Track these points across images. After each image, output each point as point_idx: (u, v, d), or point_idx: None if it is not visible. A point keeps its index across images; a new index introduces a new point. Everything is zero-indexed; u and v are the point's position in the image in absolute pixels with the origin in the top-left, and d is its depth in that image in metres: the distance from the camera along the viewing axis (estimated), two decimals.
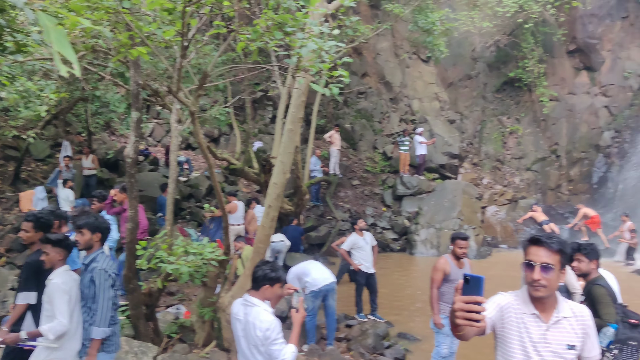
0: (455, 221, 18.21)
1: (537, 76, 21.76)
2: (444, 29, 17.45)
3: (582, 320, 3.02)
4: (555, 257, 2.93)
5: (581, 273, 5.44)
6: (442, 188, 19.48)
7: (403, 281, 13.91)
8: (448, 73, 23.23)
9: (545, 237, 2.98)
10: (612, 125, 20.83)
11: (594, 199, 20.28)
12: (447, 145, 21.03)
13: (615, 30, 21.63)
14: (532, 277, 2.91)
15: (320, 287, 8.43)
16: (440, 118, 22.26)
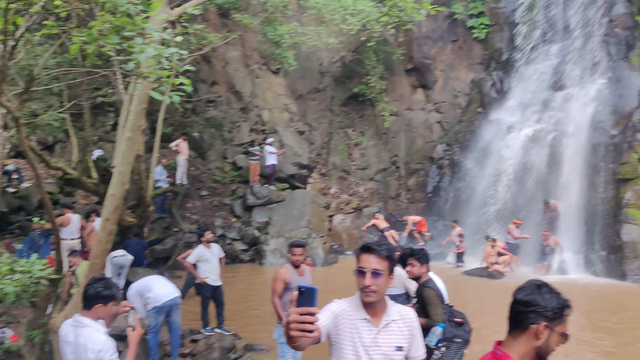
0: (304, 230, 18.59)
1: (379, 92, 23.07)
2: (292, 42, 17.86)
3: (409, 322, 3.20)
4: (384, 263, 3.07)
5: (414, 277, 5.78)
6: (291, 198, 19.81)
7: (251, 292, 13.88)
8: (297, 85, 23.78)
9: (375, 245, 3.11)
10: (444, 139, 22.69)
11: (429, 207, 21.91)
12: (297, 155, 21.48)
13: (446, 52, 23.65)
14: (364, 283, 3.03)
15: (164, 303, 8.12)
16: (290, 129, 22.69)
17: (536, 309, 2.35)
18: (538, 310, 2.35)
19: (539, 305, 2.36)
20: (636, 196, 16.51)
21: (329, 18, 20.69)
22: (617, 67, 18.78)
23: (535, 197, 18.98)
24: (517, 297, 2.43)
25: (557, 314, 2.36)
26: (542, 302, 2.36)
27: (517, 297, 2.43)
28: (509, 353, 2.38)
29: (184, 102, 19.31)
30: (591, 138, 18.12)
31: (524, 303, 2.39)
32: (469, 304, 12.50)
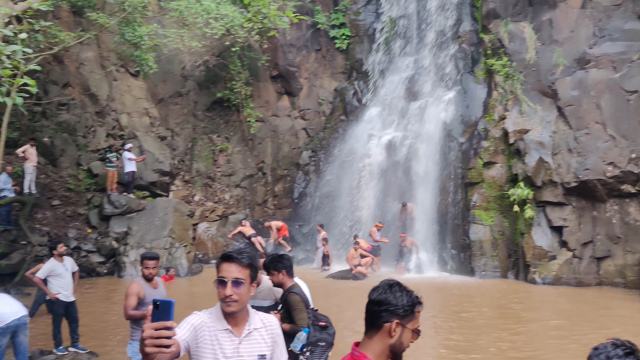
0: (166, 240, 17.93)
1: (244, 98, 22.93)
2: (153, 44, 17.14)
3: (272, 330, 3.15)
4: (245, 272, 3.00)
5: (276, 284, 5.75)
6: (152, 206, 19.01)
7: (108, 307, 13.08)
8: (158, 89, 22.91)
9: (236, 253, 3.03)
10: (309, 146, 23.11)
11: (295, 213, 22.16)
12: (158, 162, 20.66)
13: (310, 60, 24.14)
14: (224, 293, 2.94)
15: (8, 323, 7.39)
16: (151, 134, 21.78)
17: (388, 307, 2.40)
18: (390, 309, 2.40)
19: (391, 303, 2.41)
20: (482, 198, 17.93)
21: (191, 21, 20.21)
22: (465, 80, 20.33)
23: (394, 201, 19.94)
24: (371, 297, 2.48)
25: (409, 311, 2.43)
26: (394, 301, 2.41)
27: (371, 297, 2.47)
28: (366, 353, 2.40)
29: (32, 105, 17.78)
30: (442, 145, 19.41)
31: (376, 302, 2.44)
32: (334, 307, 12.75)
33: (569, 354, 9.47)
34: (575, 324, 11.66)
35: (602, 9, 17.89)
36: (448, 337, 10.68)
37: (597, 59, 17.15)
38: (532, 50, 18.36)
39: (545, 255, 16.39)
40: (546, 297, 14.77)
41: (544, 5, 18.98)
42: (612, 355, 2.02)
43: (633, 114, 16.10)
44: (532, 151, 17.00)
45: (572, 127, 16.92)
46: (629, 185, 15.81)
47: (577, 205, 16.59)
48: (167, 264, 17.09)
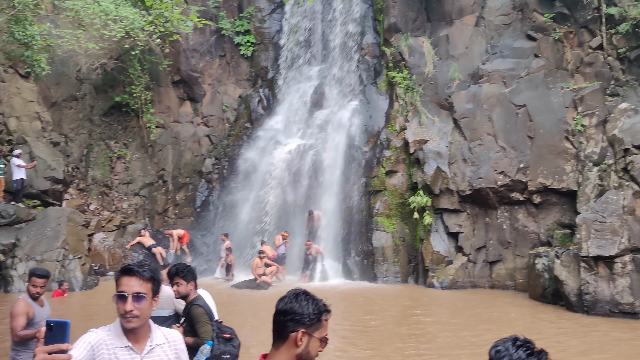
0: (59, 251, 16.90)
1: (144, 103, 22.13)
2: (45, 44, 16.14)
3: (175, 345, 3.05)
4: (147, 286, 2.90)
5: (181, 295, 5.53)
6: (44, 216, 17.85)
7: None
8: (51, 92, 21.58)
9: (137, 266, 2.92)
10: (212, 153, 22.68)
11: (198, 222, 21.64)
12: (50, 169, 19.42)
13: (214, 66, 23.75)
14: (124, 308, 2.82)
15: None
16: (43, 140, 20.44)
17: (294, 316, 2.39)
18: (296, 318, 2.39)
19: (296, 312, 2.39)
20: (384, 206, 18.42)
21: (88, 22, 19.29)
22: (368, 91, 20.87)
23: (300, 209, 20.01)
24: (277, 307, 2.46)
25: (315, 320, 2.42)
26: (299, 310, 2.39)
27: (278, 307, 2.46)
28: None
29: None
30: (347, 154, 19.77)
31: (282, 312, 2.42)
32: (239, 318, 12.55)
33: (468, 352, 9.88)
34: (472, 324, 12.21)
35: (494, 28, 19.04)
36: (352, 344, 10.81)
37: (489, 75, 18.20)
38: (430, 65, 19.18)
39: (443, 260, 17.10)
40: (443, 301, 15.38)
41: (441, 21, 19.91)
42: (515, 357, 2.09)
43: (521, 127, 17.21)
44: (430, 160, 17.71)
45: (466, 138, 17.81)
46: (517, 193, 16.85)
47: (471, 212, 17.46)
48: (59, 277, 16.09)
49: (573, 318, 12.88)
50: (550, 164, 16.56)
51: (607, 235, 13.07)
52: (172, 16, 16.00)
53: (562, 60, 18.03)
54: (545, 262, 14.76)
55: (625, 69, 17.29)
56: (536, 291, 15.00)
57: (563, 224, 16.42)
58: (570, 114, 16.78)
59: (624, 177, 14.24)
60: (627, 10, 16.90)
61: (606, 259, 12.99)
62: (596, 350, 10.21)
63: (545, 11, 18.40)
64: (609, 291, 12.89)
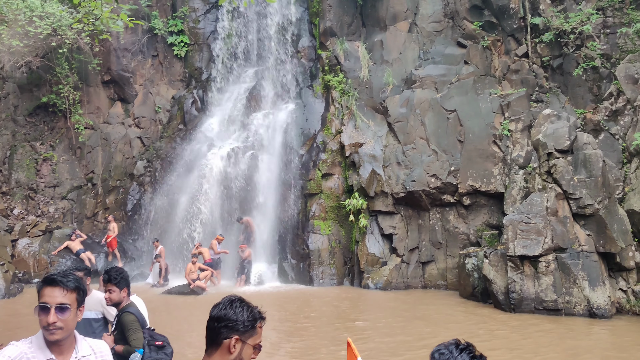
0: None
1: (73, 103, 21.31)
2: None
3: (102, 356, 2.99)
4: (71, 296, 2.81)
5: (113, 303, 5.37)
6: None
7: None
8: None
9: (60, 276, 2.83)
10: (144, 155, 22.08)
11: (129, 226, 21.01)
12: None
13: (146, 66, 23.15)
14: (48, 320, 2.71)
15: None
16: None
17: (228, 323, 2.40)
18: (229, 325, 2.39)
19: (231, 319, 2.40)
20: (320, 209, 18.52)
21: (12, 18, 18.39)
22: (304, 93, 20.94)
23: (235, 212, 19.80)
24: (211, 313, 2.47)
25: (249, 327, 2.43)
26: (234, 316, 2.41)
27: (212, 313, 2.46)
28: None
29: None
30: (283, 156, 19.75)
31: (216, 319, 2.43)
32: (172, 324, 12.28)
33: (404, 349, 10.07)
34: (405, 324, 12.46)
35: (426, 34, 19.55)
36: (288, 347, 10.79)
37: (422, 80, 18.67)
38: (365, 69, 19.46)
39: (378, 262, 17.36)
40: (378, 302, 15.61)
41: (375, 27, 20.25)
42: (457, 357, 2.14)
43: (452, 131, 17.74)
44: (365, 164, 17.96)
45: (400, 141, 18.18)
46: (449, 195, 17.35)
47: (405, 214, 17.83)
48: None
49: (501, 316, 13.37)
50: (479, 167, 17.15)
51: (532, 235, 13.66)
52: (102, 14, 15.52)
53: (491, 67, 18.73)
54: (474, 261, 15.27)
55: (548, 76, 18.16)
56: (466, 290, 15.49)
57: (491, 225, 17.04)
58: (498, 119, 17.45)
59: (547, 180, 14.93)
60: (550, 21, 17.77)
61: (531, 258, 13.58)
62: (520, 345, 10.65)
63: (474, 19, 19.07)
64: (534, 289, 13.48)
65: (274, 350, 10.47)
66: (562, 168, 14.45)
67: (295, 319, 13.33)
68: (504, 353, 10.17)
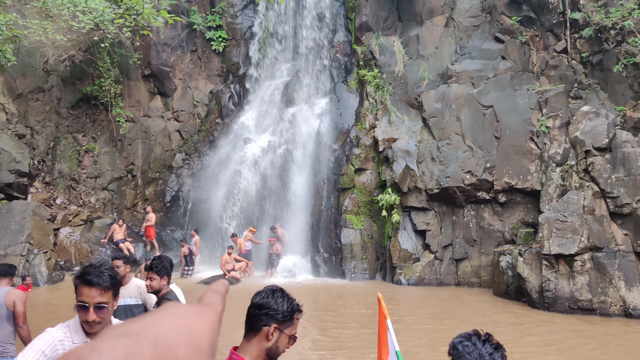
0: (24, 246, 16.66)
1: (114, 96, 21.87)
2: (11, 34, 15.83)
3: None
4: (108, 294, 2.89)
5: (154, 290, 5.56)
6: (8, 210, 17.56)
7: None
8: (17, 83, 21.15)
9: (96, 276, 2.89)
10: (183, 148, 22.53)
11: (167, 217, 21.49)
12: (15, 162, 19.06)
13: (185, 61, 23.57)
14: (87, 318, 2.82)
15: None
16: (8, 132, 20.05)
17: (268, 311, 2.48)
18: (270, 313, 2.49)
19: (271, 308, 2.49)
20: (352, 203, 18.61)
21: (56, 13, 18.97)
22: (338, 88, 21.01)
23: (270, 205, 20.05)
24: (253, 300, 2.53)
25: (288, 317, 2.51)
26: (274, 306, 2.50)
27: (253, 300, 2.54)
28: (243, 356, 2.46)
29: None
30: (317, 151, 19.89)
31: (258, 306, 2.52)
32: None
33: (437, 344, 10.12)
34: (437, 320, 12.48)
35: (463, 29, 19.38)
36: (318, 341, 10.95)
37: (458, 75, 18.53)
38: (400, 64, 19.41)
39: (410, 258, 17.37)
40: (410, 297, 15.64)
41: (412, 21, 20.17)
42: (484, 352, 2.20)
43: (488, 127, 17.58)
44: (399, 159, 17.95)
45: (435, 137, 18.10)
46: (484, 192, 17.22)
47: (438, 210, 17.77)
48: (24, 272, 15.84)
49: (534, 314, 13.26)
50: (516, 164, 16.97)
51: (567, 234, 13.50)
52: (143, 10, 15.87)
53: (528, 62, 18.47)
54: (509, 259, 15.15)
55: (587, 72, 17.81)
56: (500, 288, 15.39)
57: (527, 223, 16.85)
58: (535, 115, 17.21)
59: (584, 178, 14.70)
60: (590, 16, 17.41)
61: (566, 257, 13.41)
62: (554, 345, 10.57)
63: (512, 14, 18.81)
64: (569, 288, 13.32)
65: (306, 342, 10.63)
66: (599, 166, 14.21)
67: (326, 311, 13.48)
68: (539, 352, 10.12)
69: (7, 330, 6.12)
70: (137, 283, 5.98)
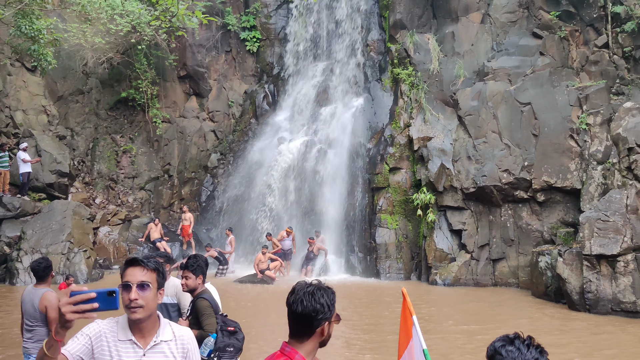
0: (64, 244, 17.06)
1: (150, 97, 22.21)
2: (52, 38, 16.23)
3: (182, 342, 3.01)
4: (152, 275, 2.90)
5: (189, 289, 5.60)
6: (49, 209, 18.01)
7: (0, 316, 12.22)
8: (57, 86, 21.70)
9: (142, 257, 2.96)
10: (218, 148, 22.76)
11: (203, 216, 21.74)
12: (56, 162, 19.55)
13: (220, 62, 23.80)
14: (129, 297, 2.82)
15: None
16: (49, 133, 20.58)
17: (317, 315, 2.54)
18: (319, 317, 2.51)
19: (319, 311, 2.50)
20: (387, 203, 18.47)
21: (94, 16, 19.35)
22: (373, 87, 20.89)
23: (304, 205, 20.06)
24: (297, 311, 2.52)
25: (332, 309, 2.56)
26: (321, 308, 2.51)
27: (298, 310, 2.51)
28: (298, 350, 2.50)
29: None
30: (351, 150, 19.81)
31: (306, 316, 2.51)
32: (243, 312, 12.63)
33: (469, 350, 9.95)
34: (475, 321, 12.27)
35: (500, 25, 19.02)
36: (355, 337, 10.89)
37: (495, 72, 18.19)
38: (435, 61, 19.17)
39: (446, 258, 17.14)
40: (447, 298, 15.42)
41: (447, 18, 19.90)
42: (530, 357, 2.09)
43: (525, 125, 17.21)
44: (434, 158, 17.73)
45: (471, 135, 17.82)
46: (521, 191, 16.87)
47: (475, 209, 17.48)
48: (65, 270, 16.22)
49: (575, 316, 12.91)
50: (555, 162, 16.57)
51: (610, 234, 13.10)
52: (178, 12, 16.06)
53: (568, 58, 18.01)
54: (548, 260, 14.79)
55: (630, 67, 17.27)
56: (539, 289, 15.04)
57: (566, 223, 16.42)
58: (575, 113, 16.77)
59: (627, 176, 14.25)
60: (633, 9, 16.86)
61: (609, 258, 13.02)
62: (598, 349, 10.26)
63: (551, 9, 18.37)
64: (611, 290, 12.92)
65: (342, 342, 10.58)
66: None
67: (361, 311, 13.40)
68: (582, 356, 9.84)
69: (42, 330, 6.25)
70: (174, 282, 6.04)
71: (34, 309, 6.18)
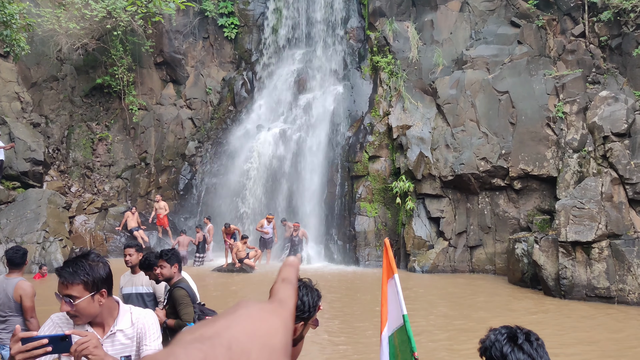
0: (39, 233, 16.79)
1: (127, 84, 21.88)
2: (25, 23, 15.85)
3: (141, 327, 3.00)
4: (77, 288, 2.78)
5: (165, 278, 5.56)
6: (24, 198, 17.69)
7: None
8: (31, 72, 21.23)
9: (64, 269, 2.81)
10: (196, 136, 22.54)
11: (181, 205, 21.56)
12: (30, 150, 19.17)
13: (198, 48, 23.50)
14: (61, 309, 2.80)
15: None
16: (23, 120, 20.14)
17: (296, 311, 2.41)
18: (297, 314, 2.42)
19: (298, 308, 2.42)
20: (366, 191, 18.51)
21: (69, 1, 18.97)
22: (352, 75, 20.83)
23: (283, 193, 20.01)
24: None
25: (312, 311, 2.45)
26: (300, 306, 2.44)
27: None
28: None
29: None
30: (330, 138, 19.77)
31: None
32: (221, 300, 12.59)
33: (453, 333, 10.05)
34: (453, 306, 12.40)
35: (478, 14, 19.08)
36: (330, 324, 10.93)
37: (473, 60, 18.27)
38: (414, 50, 19.18)
39: (424, 245, 17.27)
40: (425, 284, 15.55)
41: (426, 6, 19.89)
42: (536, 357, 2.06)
43: (503, 113, 17.34)
44: (413, 146, 17.79)
45: (449, 124, 17.90)
46: (499, 179, 17.03)
47: (453, 197, 17.62)
48: (40, 259, 15.99)
49: (551, 302, 13.12)
50: (532, 150, 16.74)
51: (585, 221, 13.30)
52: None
53: (545, 47, 18.15)
54: (524, 247, 14.99)
55: (606, 57, 17.48)
56: (515, 275, 15.25)
57: (543, 210, 16.65)
58: (552, 101, 16.94)
59: (602, 164, 14.46)
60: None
61: (584, 245, 13.23)
62: (571, 332, 10.44)
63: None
64: (586, 276, 13.15)
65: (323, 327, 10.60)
66: (618, 152, 13.97)
67: (340, 298, 13.45)
68: (555, 340, 10.00)
69: (17, 320, 6.15)
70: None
71: (8, 298, 6.07)
